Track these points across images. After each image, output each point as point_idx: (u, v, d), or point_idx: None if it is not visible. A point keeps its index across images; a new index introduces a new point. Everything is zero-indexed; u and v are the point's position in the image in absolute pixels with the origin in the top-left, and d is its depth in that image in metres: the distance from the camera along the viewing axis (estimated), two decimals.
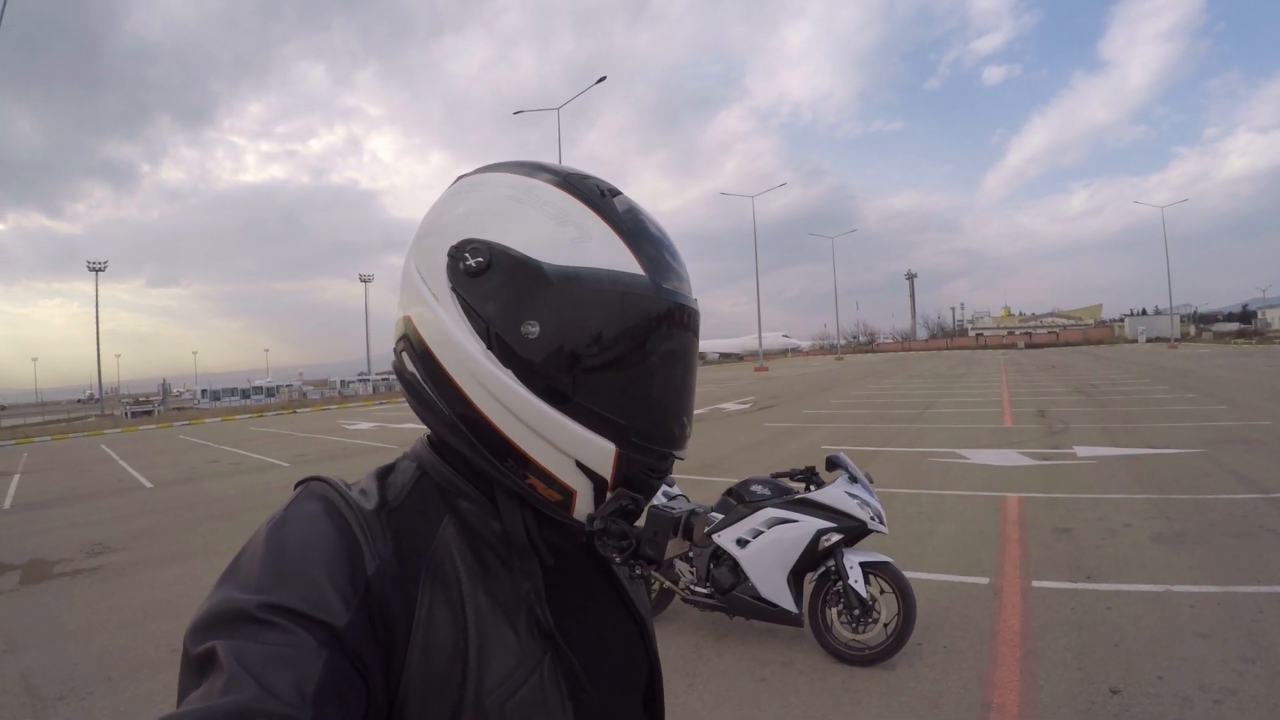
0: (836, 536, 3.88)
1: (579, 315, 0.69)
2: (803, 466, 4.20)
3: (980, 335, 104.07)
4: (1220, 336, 76.58)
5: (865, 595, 3.83)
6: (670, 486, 4.54)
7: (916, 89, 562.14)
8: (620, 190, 0.77)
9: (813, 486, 4.09)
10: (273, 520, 0.67)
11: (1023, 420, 14.29)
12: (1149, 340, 74.44)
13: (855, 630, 3.88)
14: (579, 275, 0.69)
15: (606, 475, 0.71)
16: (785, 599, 3.98)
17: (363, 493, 0.72)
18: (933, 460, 10.18)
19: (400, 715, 0.64)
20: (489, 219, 0.73)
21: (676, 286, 0.75)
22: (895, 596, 3.86)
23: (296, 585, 0.60)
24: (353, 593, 0.62)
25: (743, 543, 4.07)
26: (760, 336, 66.51)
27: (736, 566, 4.09)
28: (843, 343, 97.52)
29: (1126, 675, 3.58)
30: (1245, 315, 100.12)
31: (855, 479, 4.02)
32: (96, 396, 67.65)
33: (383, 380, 60.84)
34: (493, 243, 0.71)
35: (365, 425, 24.27)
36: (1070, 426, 12.86)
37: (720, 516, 4.23)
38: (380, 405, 38.81)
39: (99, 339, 56.74)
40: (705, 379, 43.08)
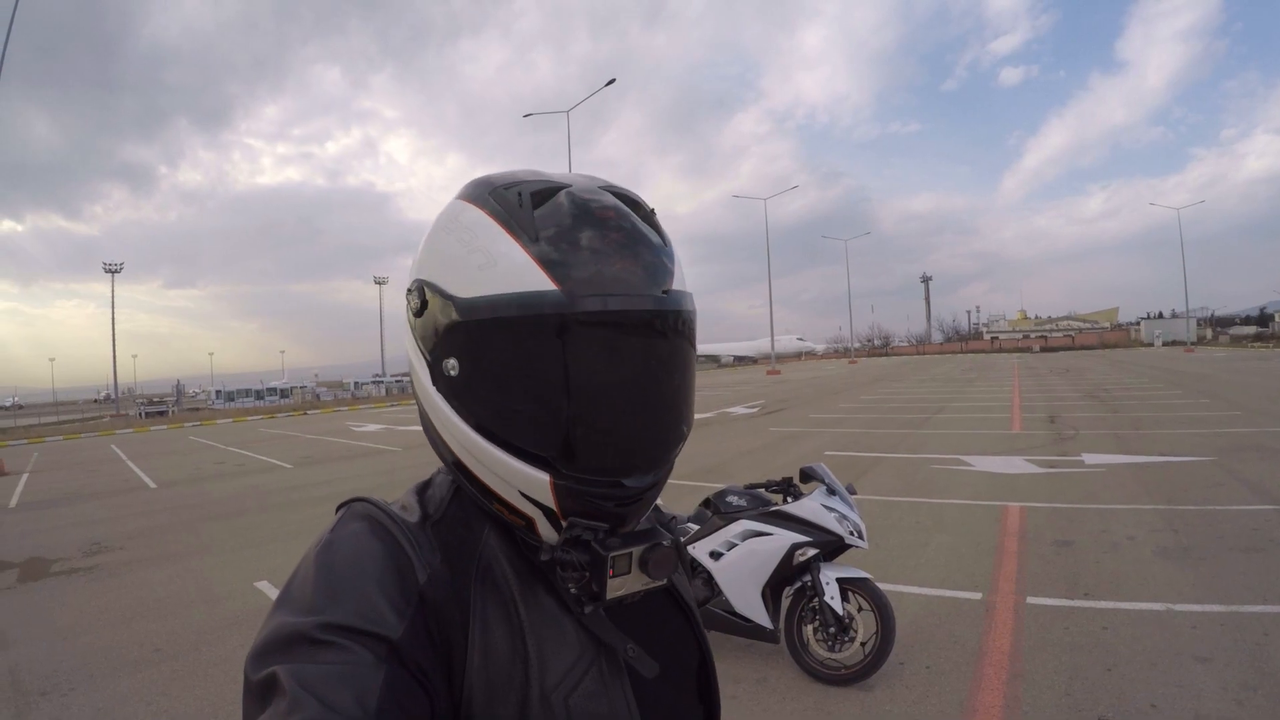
0: (812, 551, 3.74)
1: (484, 348, 0.68)
2: (779, 477, 4.06)
3: (995, 339, 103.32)
4: (1237, 340, 75.50)
5: (841, 612, 3.68)
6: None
7: (933, 90, 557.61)
8: (568, 184, 0.72)
9: (790, 498, 3.95)
10: (319, 544, 0.68)
11: (1032, 426, 14.03)
12: (1165, 343, 73.48)
13: (831, 648, 3.73)
14: (480, 304, 0.67)
15: (551, 505, 0.69)
16: (759, 614, 3.83)
17: (403, 508, 0.73)
18: (935, 467, 9.99)
19: (468, 719, 0.65)
20: (426, 254, 0.74)
21: (613, 290, 0.66)
22: (874, 614, 3.70)
23: (349, 602, 0.61)
24: (405, 604, 0.63)
25: (716, 555, 3.92)
26: (773, 339, 66.33)
27: (710, 579, 3.95)
28: (857, 346, 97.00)
29: (1118, 702, 3.39)
30: (1263, 318, 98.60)
31: (833, 491, 3.87)
32: (112, 396, 68.44)
33: (396, 382, 61.22)
34: (425, 280, 0.72)
35: (373, 427, 24.35)
36: (1080, 433, 12.61)
37: (695, 528, 4.11)
38: (392, 407, 38.97)
39: (115, 340, 57.60)
40: (717, 382, 43.04)
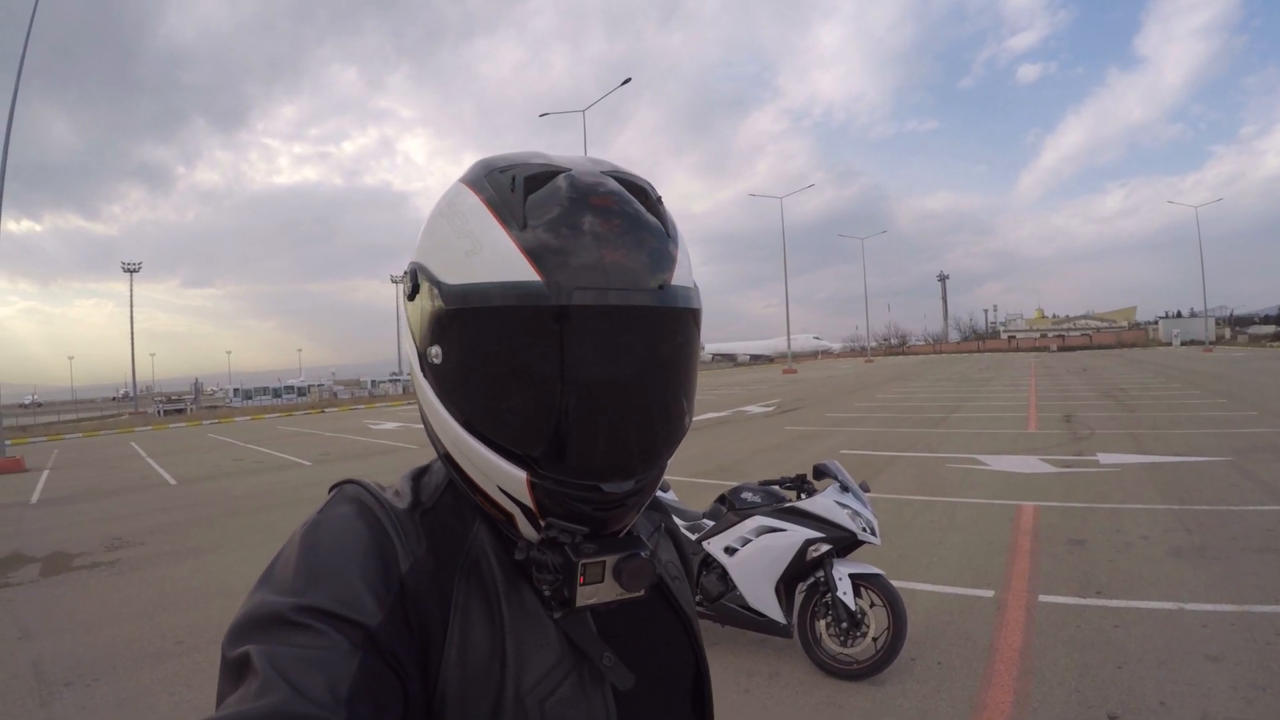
0: (825, 547, 3.78)
1: (466, 338, 0.66)
2: (793, 474, 4.10)
3: (1012, 338, 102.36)
4: (1256, 339, 74.38)
5: (854, 608, 3.72)
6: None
7: (950, 88, 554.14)
8: (568, 168, 0.68)
9: (804, 495, 3.99)
10: (307, 524, 0.67)
11: (1047, 425, 13.97)
12: (1183, 343, 72.49)
13: (844, 644, 3.77)
14: (463, 292, 0.65)
15: (528, 504, 0.67)
16: (773, 609, 3.88)
17: (396, 494, 0.72)
18: (950, 466, 9.98)
19: (440, 714, 0.63)
20: (422, 238, 0.73)
21: (601, 283, 0.63)
22: (885, 610, 3.74)
23: (329, 586, 0.60)
24: (386, 591, 0.62)
25: (731, 551, 3.98)
26: (789, 338, 66.06)
27: (725, 575, 4.01)
28: (873, 345, 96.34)
29: (1127, 700, 3.42)
30: None
31: (846, 488, 3.92)
32: (131, 394, 69.16)
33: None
34: (418, 264, 0.71)
35: (390, 425, 24.46)
36: (1096, 432, 12.55)
37: (711, 523, 4.16)
38: (409, 406, 39.05)
39: (133, 338, 58.20)
40: (733, 381, 42.93)
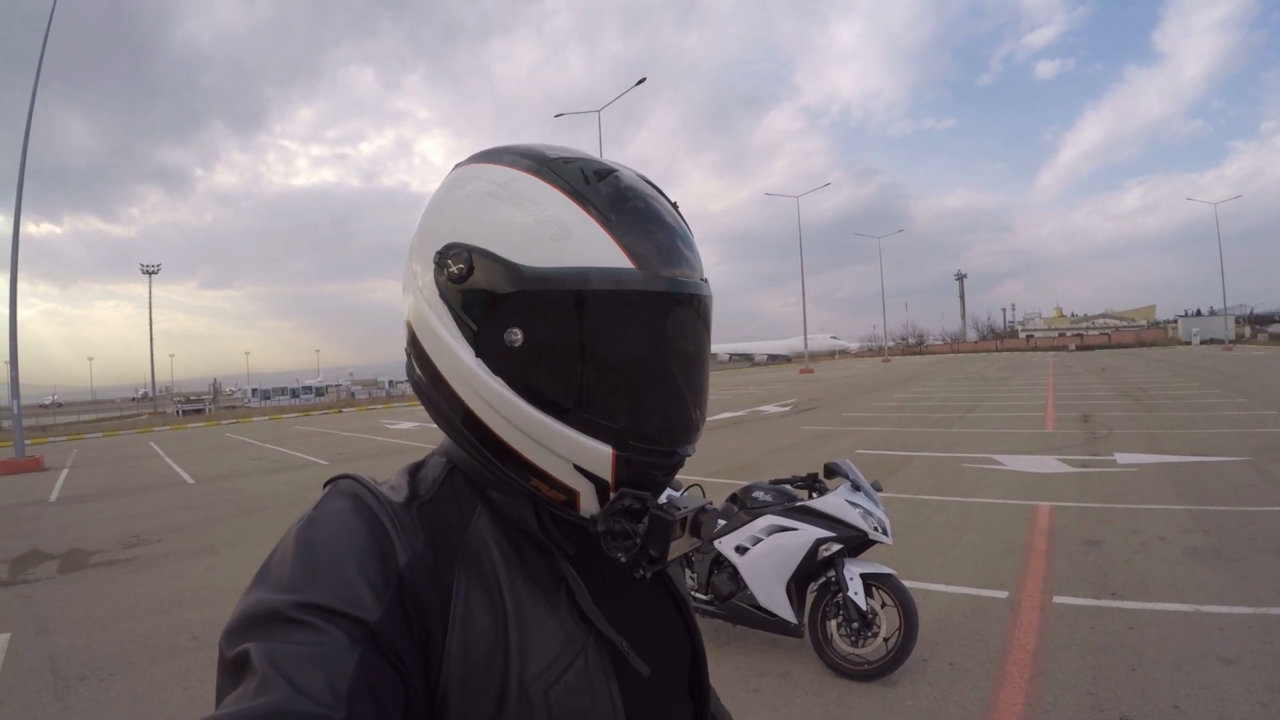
0: (836, 546, 3.77)
1: (561, 319, 0.67)
2: (804, 473, 4.09)
3: (1031, 337, 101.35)
4: (1277, 338, 73.04)
5: (865, 608, 3.71)
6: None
7: (968, 85, 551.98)
8: (616, 168, 0.73)
9: (815, 494, 3.98)
10: (302, 520, 0.67)
11: (1065, 425, 13.84)
12: (1203, 342, 71.43)
13: (855, 644, 3.75)
14: (558, 276, 0.66)
15: (606, 477, 0.69)
16: (784, 608, 3.87)
17: (392, 489, 0.72)
18: (966, 466, 9.91)
19: (443, 707, 0.63)
20: (470, 219, 0.70)
21: (674, 273, 0.70)
22: (897, 610, 3.72)
23: (327, 582, 0.60)
24: (385, 586, 0.62)
25: (742, 550, 3.97)
26: (806, 338, 65.87)
27: (736, 574, 4.00)
28: (891, 344, 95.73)
29: (1140, 703, 3.38)
30: None
31: (858, 487, 3.90)
32: (150, 395, 69.88)
33: None
34: (472, 246, 0.68)
35: (407, 425, 24.55)
36: (1114, 432, 12.42)
37: (723, 523, 4.15)
38: None
39: (152, 339, 58.90)
40: (749, 380, 42.87)
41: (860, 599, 3.70)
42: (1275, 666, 3.64)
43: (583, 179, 0.70)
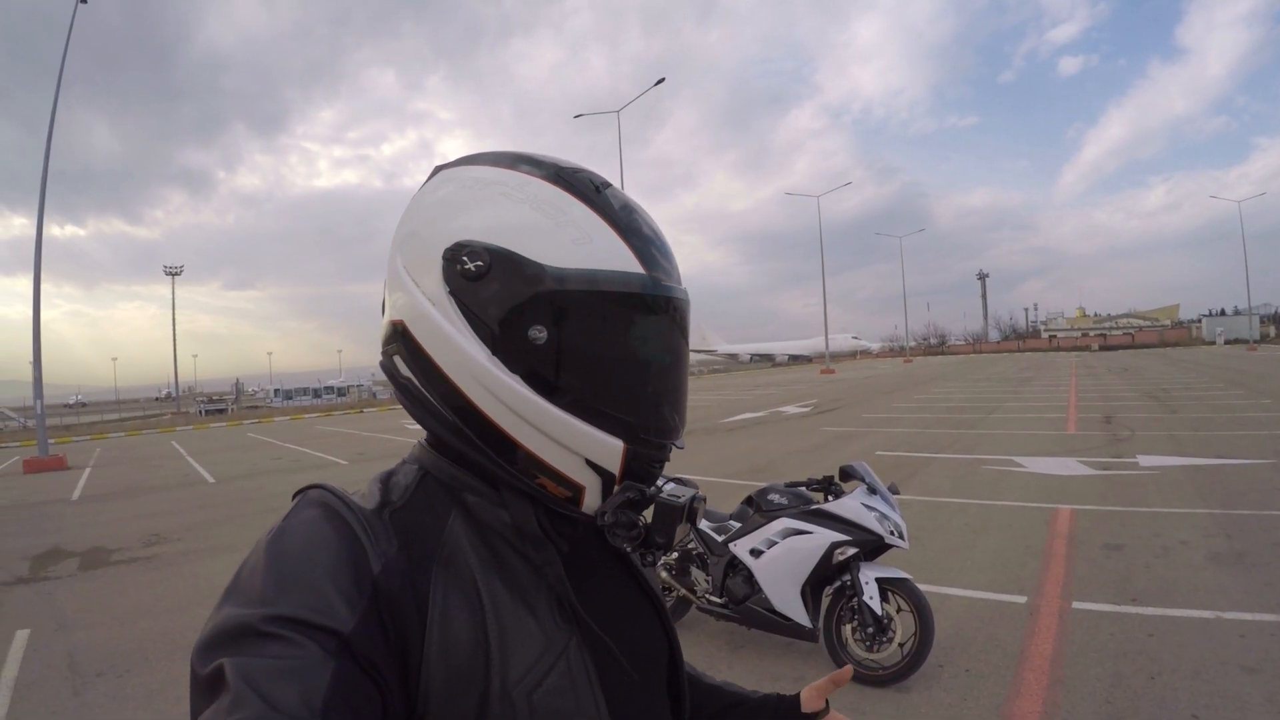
0: (851, 550, 3.73)
1: (586, 318, 0.69)
2: (820, 476, 4.06)
3: (1053, 337, 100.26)
4: None
5: (880, 612, 3.67)
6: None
7: (990, 82, 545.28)
8: (610, 183, 0.78)
9: (831, 497, 3.95)
10: (271, 532, 0.66)
11: (1087, 427, 13.67)
12: (1227, 342, 70.37)
13: (869, 649, 3.72)
14: (585, 277, 0.69)
15: (615, 470, 0.72)
16: (798, 612, 3.85)
17: (363, 497, 0.71)
18: (987, 468, 9.81)
19: (424, 713, 0.63)
20: (485, 219, 0.71)
21: (667, 280, 0.75)
22: (913, 615, 3.69)
23: (299, 593, 0.59)
24: (358, 595, 0.61)
25: (757, 553, 3.95)
26: (827, 338, 65.58)
27: (751, 577, 3.98)
28: (912, 344, 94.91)
29: (1159, 712, 3.32)
30: None
31: (874, 490, 3.87)
32: (173, 395, 70.75)
33: None
34: (492, 246, 0.69)
35: None
36: (1136, 434, 12.25)
37: (738, 525, 4.13)
38: None
39: (175, 340, 59.68)
40: (770, 381, 42.83)
41: (876, 603, 3.67)
42: None
43: (593, 189, 0.74)
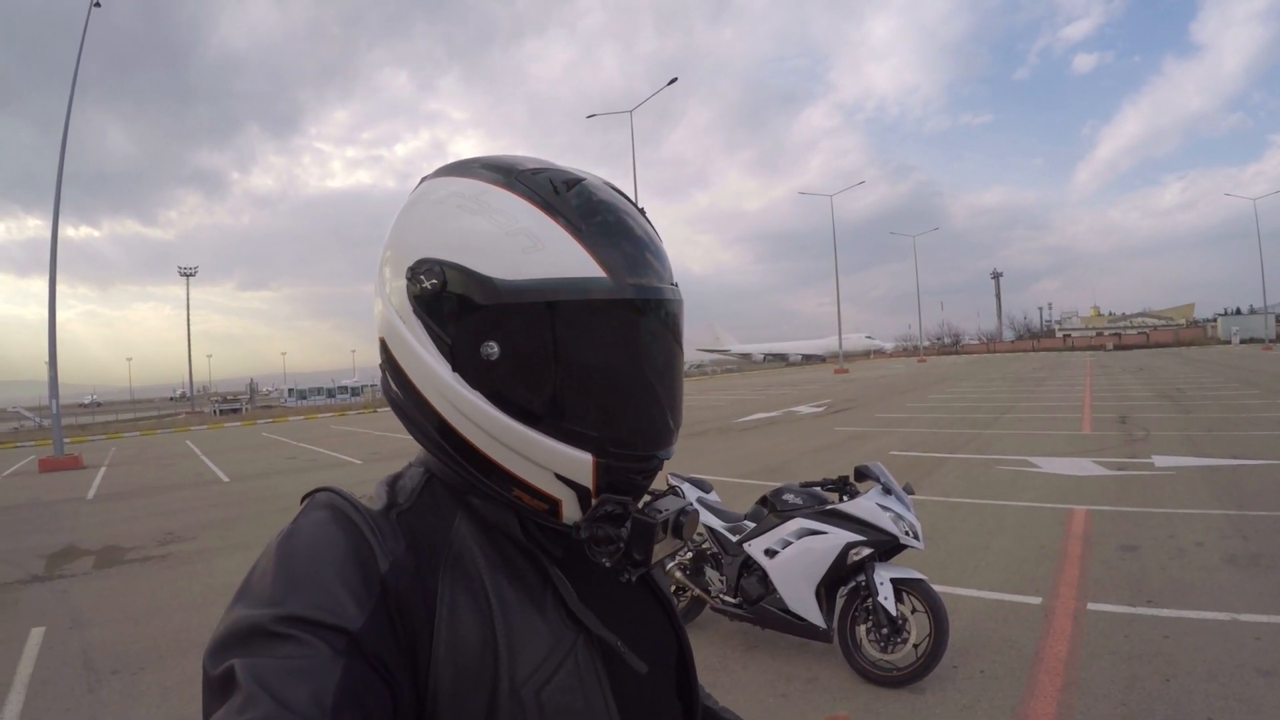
0: (866, 550, 3.73)
1: (536, 331, 0.67)
2: (835, 476, 4.06)
3: (1067, 336, 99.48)
4: None
5: (895, 613, 3.67)
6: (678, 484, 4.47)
7: (1004, 80, 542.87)
8: (584, 177, 0.74)
9: (845, 497, 3.94)
10: (281, 534, 0.67)
11: (1102, 427, 13.57)
12: (1242, 341, 69.63)
13: (884, 649, 3.72)
14: (531, 288, 0.67)
15: (587, 484, 0.70)
16: (812, 613, 3.85)
17: (370, 499, 0.72)
18: (1001, 468, 9.76)
19: (433, 712, 0.63)
20: (440, 233, 0.70)
21: (645, 280, 0.71)
22: (927, 616, 3.68)
23: (308, 593, 0.60)
24: (367, 594, 0.62)
25: (771, 553, 3.95)
26: (840, 337, 65.36)
27: (765, 577, 3.98)
28: (926, 344, 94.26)
29: (1174, 714, 3.30)
30: None
31: (889, 490, 3.86)
32: (187, 394, 71.27)
33: None
34: (445, 261, 0.69)
35: None
36: (1151, 434, 12.16)
37: (752, 525, 4.13)
38: None
39: (190, 340, 60.00)
40: (784, 381, 42.71)
41: (890, 604, 3.67)
42: None
43: (552, 189, 0.70)
